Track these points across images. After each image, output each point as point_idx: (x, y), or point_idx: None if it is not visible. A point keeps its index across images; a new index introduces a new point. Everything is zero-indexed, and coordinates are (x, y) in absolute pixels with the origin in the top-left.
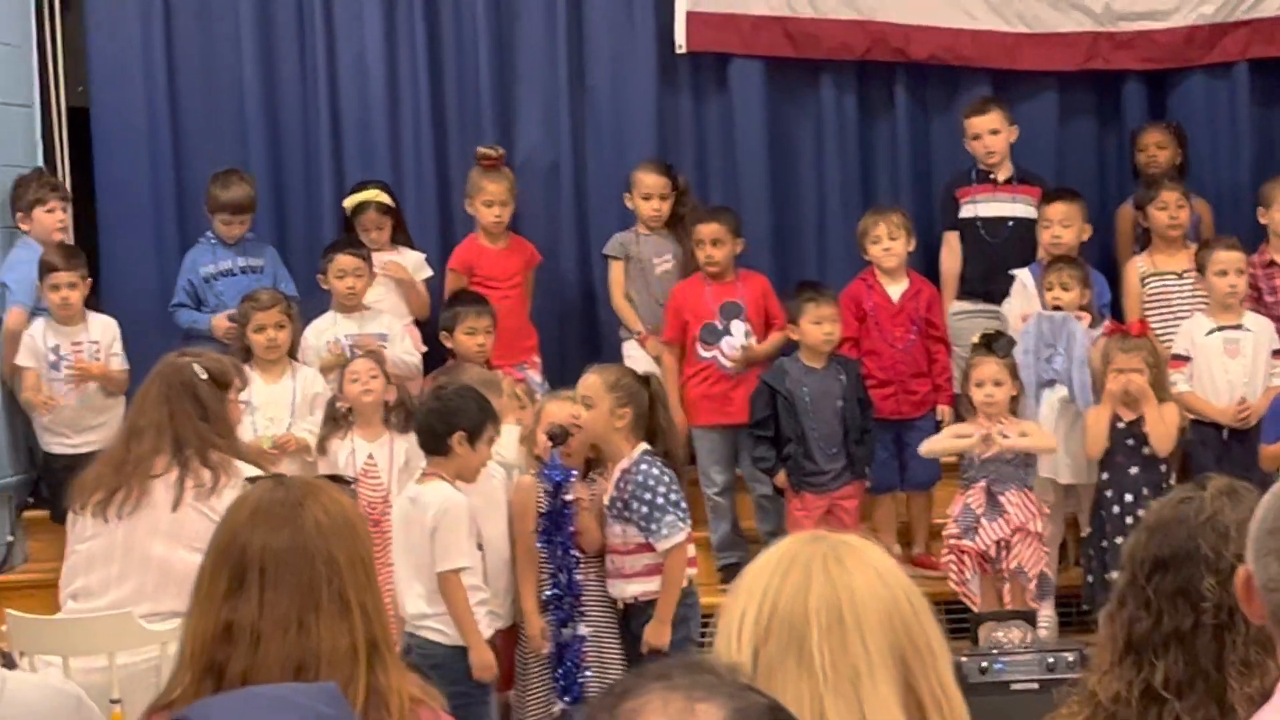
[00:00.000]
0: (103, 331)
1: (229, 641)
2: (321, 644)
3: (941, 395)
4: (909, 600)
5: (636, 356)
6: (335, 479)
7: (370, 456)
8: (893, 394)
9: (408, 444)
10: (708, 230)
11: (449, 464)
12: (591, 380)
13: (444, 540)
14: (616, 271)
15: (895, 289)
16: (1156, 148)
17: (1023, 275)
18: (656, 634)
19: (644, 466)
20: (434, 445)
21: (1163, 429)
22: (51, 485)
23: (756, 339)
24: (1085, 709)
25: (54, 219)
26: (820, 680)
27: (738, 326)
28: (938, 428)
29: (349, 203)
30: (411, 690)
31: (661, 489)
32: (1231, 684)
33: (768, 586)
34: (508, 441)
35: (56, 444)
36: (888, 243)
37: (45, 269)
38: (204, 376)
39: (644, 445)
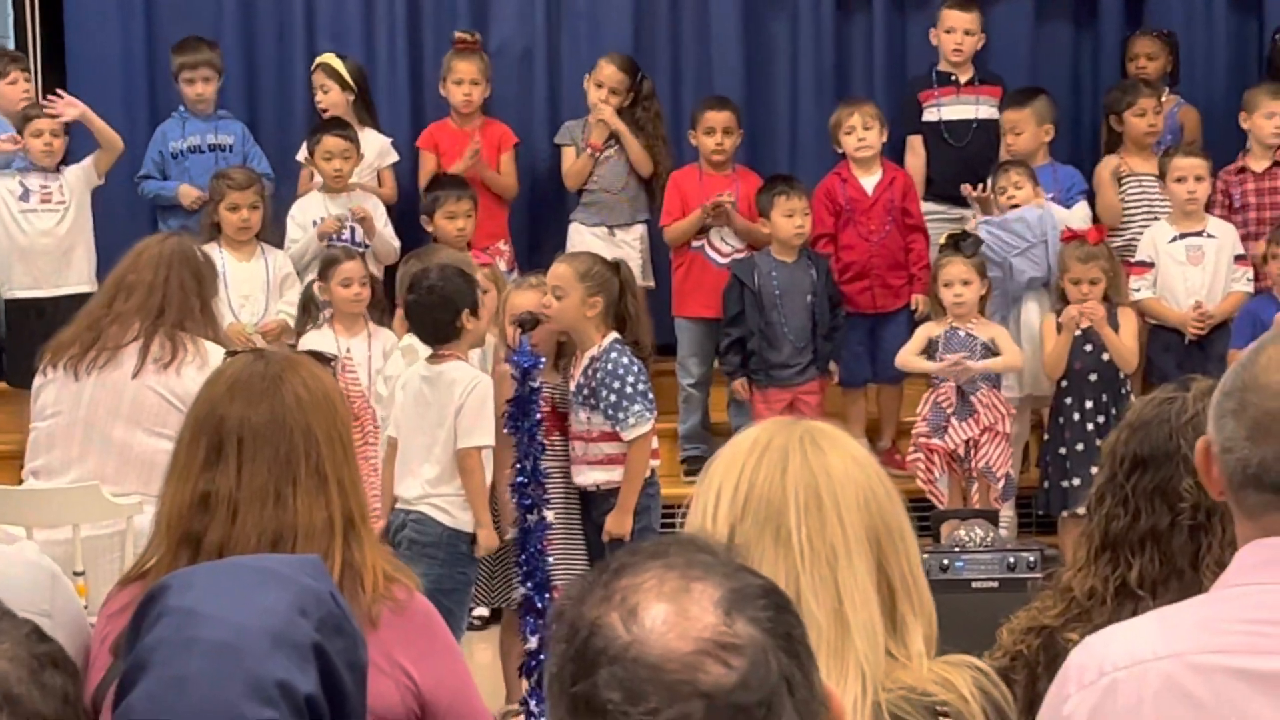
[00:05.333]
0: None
1: (205, 512)
2: (298, 517)
3: (917, 285)
4: (882, 484)
5: (578, 240)
6: (316, 355)
7: (348, 351)
8: (868, 287)
9: (383, 340)
10: (720, 118)
11: (463, 343)
12: (562, 270)
13: (470, 417)
14: (568, 158)
15: (869, 180)
16: (1147, 58)
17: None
18: (618, 523)
19: (614, 355)
20: (444, 333)
21: (1123, 350)
22: (15, 337)
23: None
24: (1059, 604)
25: (17, 90)
26: (798, 559)
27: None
28: (912, 318)
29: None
30: (386, 567)
31: (630, 378)
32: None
33: (744, 466)
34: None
35: (18, 290)
36: (862, 133)
37: (26, 119)
38: (203, 260)
39: (614, 334)
